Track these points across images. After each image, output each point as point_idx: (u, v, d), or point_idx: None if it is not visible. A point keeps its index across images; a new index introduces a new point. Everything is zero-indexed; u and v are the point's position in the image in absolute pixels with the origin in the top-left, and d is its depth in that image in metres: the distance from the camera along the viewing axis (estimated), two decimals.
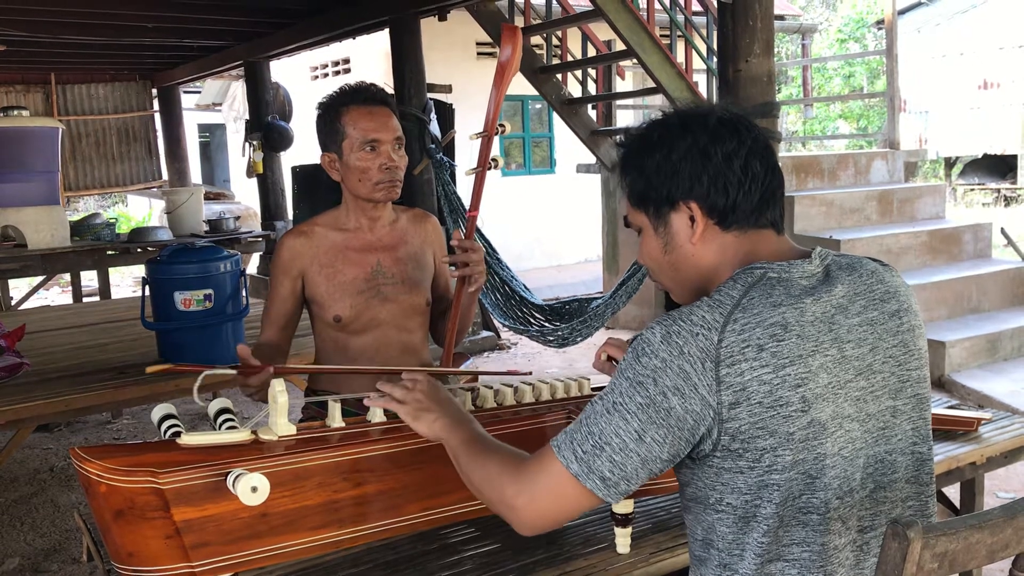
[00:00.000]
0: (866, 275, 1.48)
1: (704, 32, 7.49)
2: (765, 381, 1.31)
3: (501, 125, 2.42)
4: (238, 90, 15.73)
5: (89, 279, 9.30)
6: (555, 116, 10.80)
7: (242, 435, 1.70)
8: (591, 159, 8.51)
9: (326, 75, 13.47)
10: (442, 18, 7.30)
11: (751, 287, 1.39)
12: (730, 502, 1.38)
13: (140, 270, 8.87)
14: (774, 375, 1.32)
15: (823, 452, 1.34)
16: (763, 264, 1.44)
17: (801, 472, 1.33)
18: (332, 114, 2.45)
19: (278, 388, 1.73)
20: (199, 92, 17.28)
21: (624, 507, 1.86)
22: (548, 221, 12.46)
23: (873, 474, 1.41)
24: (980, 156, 16.67)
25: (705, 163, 1.46)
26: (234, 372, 2.10)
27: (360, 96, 2.46)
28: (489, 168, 2.46)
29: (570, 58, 8.47)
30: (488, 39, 8.25)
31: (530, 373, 2.28)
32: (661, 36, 6.74)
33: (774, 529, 1.36)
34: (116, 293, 9.12)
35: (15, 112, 7.56)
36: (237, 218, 8.73)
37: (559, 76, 8.24)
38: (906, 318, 1.47)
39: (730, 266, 1.48)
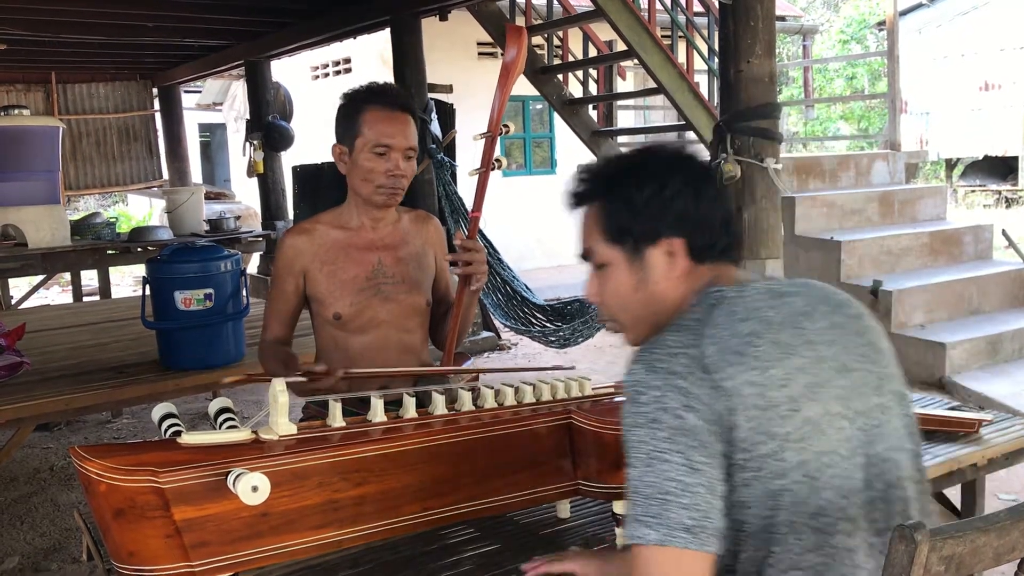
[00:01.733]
0: (816, 288, 1.52)
1: (705, 33, 7.49)
2: (754, 383, 1.33)
3: (505, 125, 2.42)
4: (239, 90, 15.74)
5: (89, 278, 9.29)
6: (556, 116, 10.80)
7: (242, 434, 1.70)
8: (592, 159, 8.49)
9: (327, 75, 13.47)
10: (443, 18, 7.30)
11: (713, 308, 1.42)
12: (742, 519, 1.36)
13: (140, 269, 8.87)
14: (760, 376, 1.34)
15: (820, 450, 1.35)
16: (719, 287, 1.47)
17: (803, 474, 1.34)
18: (352, 109, 2.46)
19: (278, 388, 1.73)
20: (200, 92, 17.30)
21: (625, 507, 1.86)
22: (549, 221, 12.44)
23: (880, 475, 1.41)
24: (981, 158, 16.67)
25: (698, 201, 1.49)
26: (304, 379, 2.18)
27: (384, 98, 2.46)
28: (493, 168, 2.46)
29: (571, 58, 8.46)
30: (489, 39, 8.25)
31: (573, 367, 2.29)
32: (662, 36, 6.73)
33: (785, 537, 1.35)
34: (116, 292, 9.12)
35: (16, 111, 7.56)
36: (237, 218, 8.73)
37: (560, 76, 8.24)
38: (866, 321, 1.52)
39: (694, 297, 1.49)
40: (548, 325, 6.16)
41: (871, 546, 1.39)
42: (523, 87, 8.33)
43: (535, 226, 12.40)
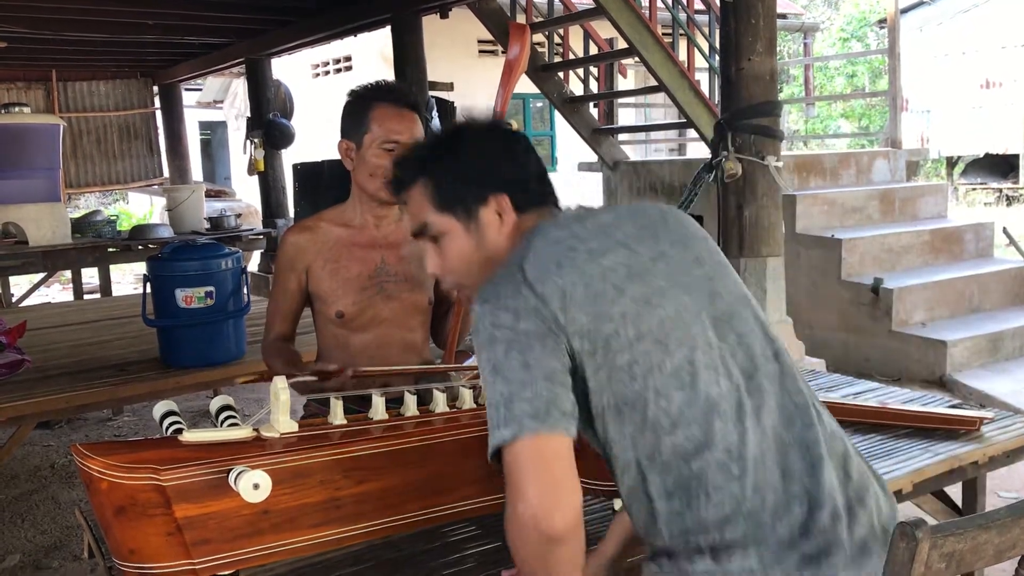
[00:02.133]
0: (624, 206, 1.66)
1: (706, 30, 7.49)
2: (576, 282, 1.43)
3: (508, 123, 2.42)
4: (239, 87, 15.74)
5: (90, 276, 9.29)
6: (556, 114, 10.80)
7: (244, 432, 1.70)
8: (593, 157, 8.50)
9: (327, 73, 13.47)
10: (444, 16, 7.29)
11: (531, 239, 1.52)
12: (609, 400, 1.44)
13: (141, 267, 8.88)
14: (579, 276, 1.44)
15: (661, 318, 1.45)
16: (539, 224, 1.58)
17: (652, 341, 1.43)
18: (361, 105, 2.47)
19: (280, 385, 1.73)
20: (200, 89, 17.29)
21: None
22: None
23: (729, 327, 1.51)
24: (982, 155, 16.66)
25: (513, 160, 1.65)
26: (314, 378, 2.22)
27: (393, 95, 2.48)
28: None
29: (572, 56, 8.46)
30: (490, 37, 8.24)
31: None
32: (663, 34, 6.73)
33: (656, 400, 1.42)
34: (117, 290, 9.12)
35: (16, 109, 7.56)
36: (238, 215, 8.71)
37: (561, 74, 8.23)
38: (672, 217, 1.62)
39: (519, 242, 1.59)
40: None
41: (737, 387, 1.46)
42: (524, 85, 8.30)
43: None
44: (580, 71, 8.47)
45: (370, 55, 11.85)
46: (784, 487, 1.42)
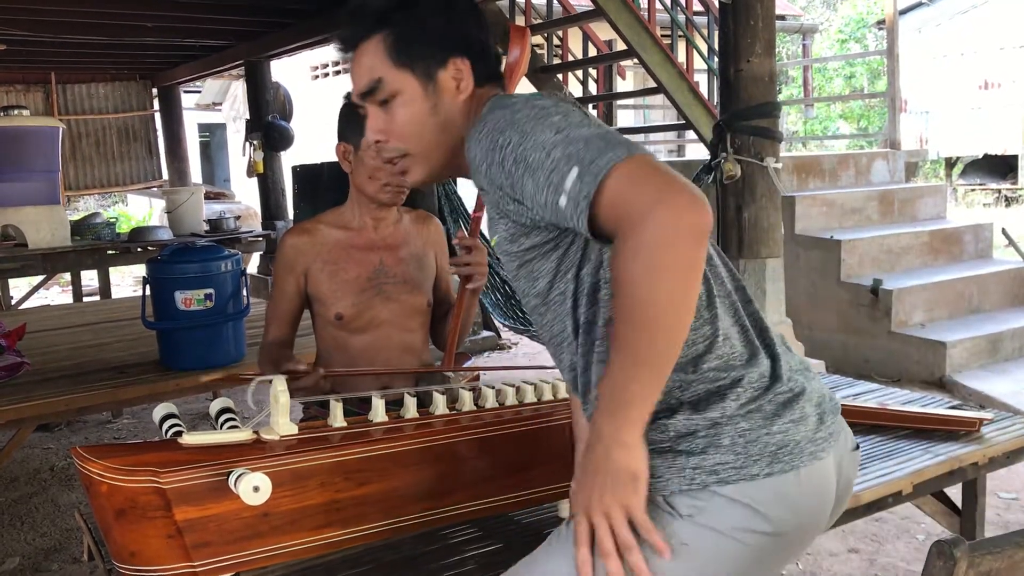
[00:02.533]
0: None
1: (705, 32, 7.49)
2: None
3: None
4: (238, 90, 15.75)
5: (89, 278, 9.28)
6: None
7: (244, 435, 1.69)
8: None
9: (326, 75, 13.47)
10: None
11: (505, 102, 1.45)
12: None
13: (140, 270, 8.86)
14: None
15: None
16: (497, 94, 1.54)
17: None
18: (358, 107, 2.46)
19: (279, 388, 1.73)
20: (199, 92, 17.29)
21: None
22: None
23: None
24: (981, 156, 16.65)
25: (479, 25, 1.58)
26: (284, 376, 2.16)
27: None
28: None
29: (571, 58, 8.46)
30: None
31: None
32: (662, 36, 6.73)
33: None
34: (116, 293, 9.12)
35: (15, 111, 7.55)
36: (237, 217, 8.72)
37: (560, 76, 8.23)
38: None
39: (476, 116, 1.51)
40: None
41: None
42: (523, 87, 8.30)
43: None
44: (579, 73, 8.48)
45: None
46: (745, 340, 1.48)
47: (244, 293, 3.58)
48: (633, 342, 1.27)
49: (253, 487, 1.54)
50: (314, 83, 13.64)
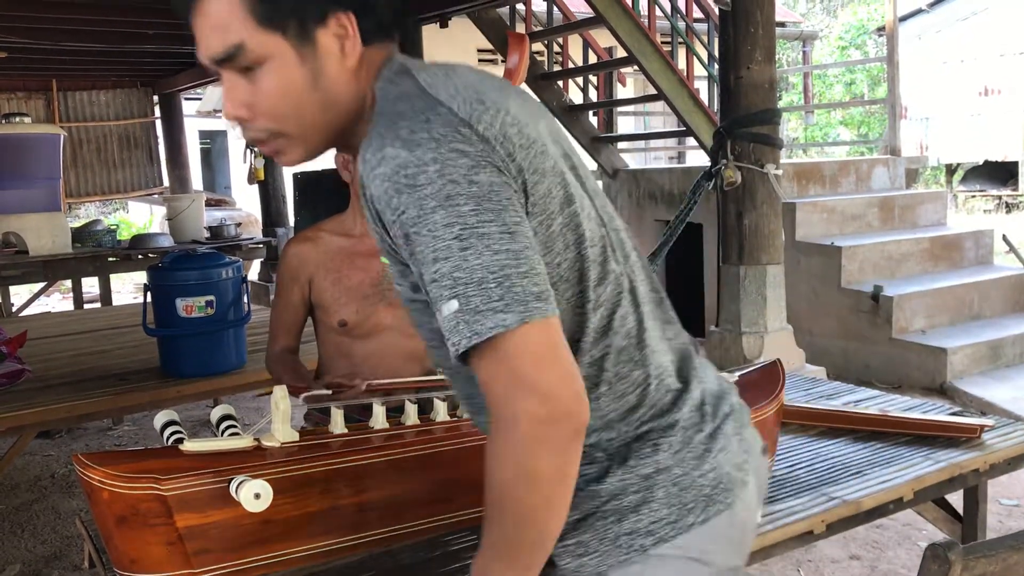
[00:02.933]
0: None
1: (705, 39, 7.50)
2: (508, 123, 1.19)
3: None
4: None
5: (90, 285, 9.29)
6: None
7: (244, 442, 1.70)
8: (592, 166, 8.50)
9: None
10: (443, 25, 7.30)
11: (409, 74, 1.24)
12: (559, 263, 1.23)
13: (141, 276, 8.87)
14: (507, 115, 1.20)
15: (575, 182, 1.28)
16: (392, 59, 1.28)
17: (576, 208, 1.25)
18: None
19: (279, 395, 1.73)
20: (200, 99, 17.29)
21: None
22: None
23: (604, 205, 1.36)
24: (981, 163, 16.67)
25: None
26: (328, 391, 2.21)
27: None
28: None
29: (571, 65, 8.47)
30: (489, 46, 8.25)
31: None
32: (662, 43, 6.75)
33: (590, 269, 1.26)
34: (117, 300, 9.12)
35: (17, 119, 7.57)
36: (238, 224, 8.71)
37: (560, 83, 8.25)
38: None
39: (367, 85, 1.27)
40: None
41: (629, 272, 1.33)
42: None
43: None
44: (579, 80, 8.48)
45: None
46: (677, 368, 1.36)
47: (245, 300, 3.59)
48: (500, 535, 1.17)
49: (254, 494, 1.54)
50: None
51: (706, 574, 1.31)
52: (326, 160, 2.56)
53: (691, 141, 8.12)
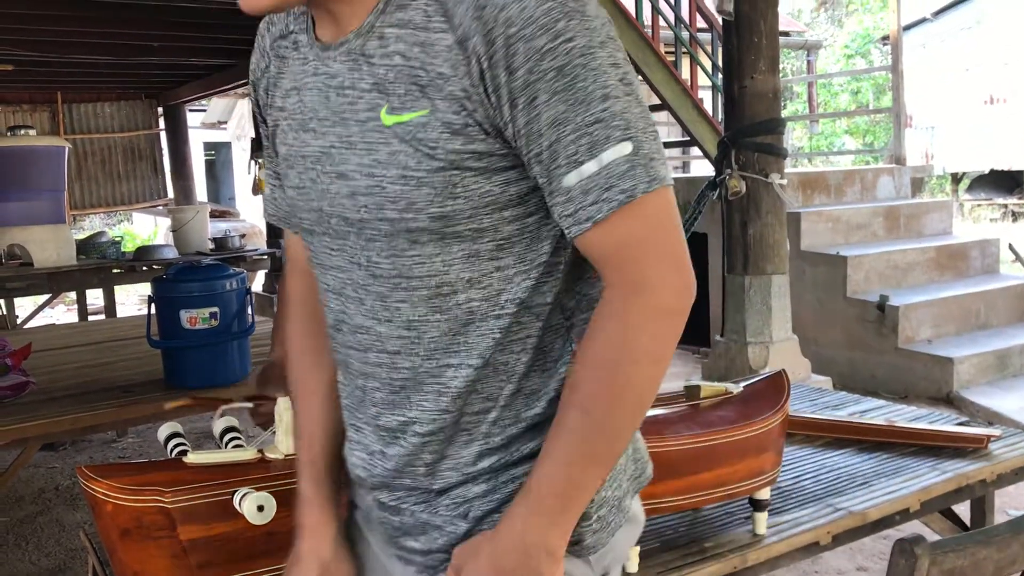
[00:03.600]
0: None
1: (709, 49, 7.50)
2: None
3: None
4: (244, 108, 15.80)
5: (95, 297, 9.30)
6: None
7: (248, 454, 1.69)
8: None
9: None
10: None
11: None
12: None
13: (146, 288, 8.86)
14: None
15: None
16: None
17: None
18: None
19: (283, 406, 1.72)
20: (204, 110, 17.35)
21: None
22: None
23: None
24: (987, 171, 16.65)
25: None
26: (251, 405, 2.15)
27: None
28: None
29: None
30: None
31: None
32: (666, 53, 6.75)
33: None
34: (122, 311, 9.13)
35: (22, 131, 7.59)
36: (242, 236, 8.72)
37: None
38: None
39: None
40: None
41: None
42: None
43: None
44: None
45: None
46: None
47: (249, 312, 3.58)
48: (595, 435, 1.06)
49: (258, 506, 1.53)
50: None
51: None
52: None
53: (695, 151, 8.12)
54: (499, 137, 1.04)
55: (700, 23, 7.61)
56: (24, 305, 9.84)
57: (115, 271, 7.18)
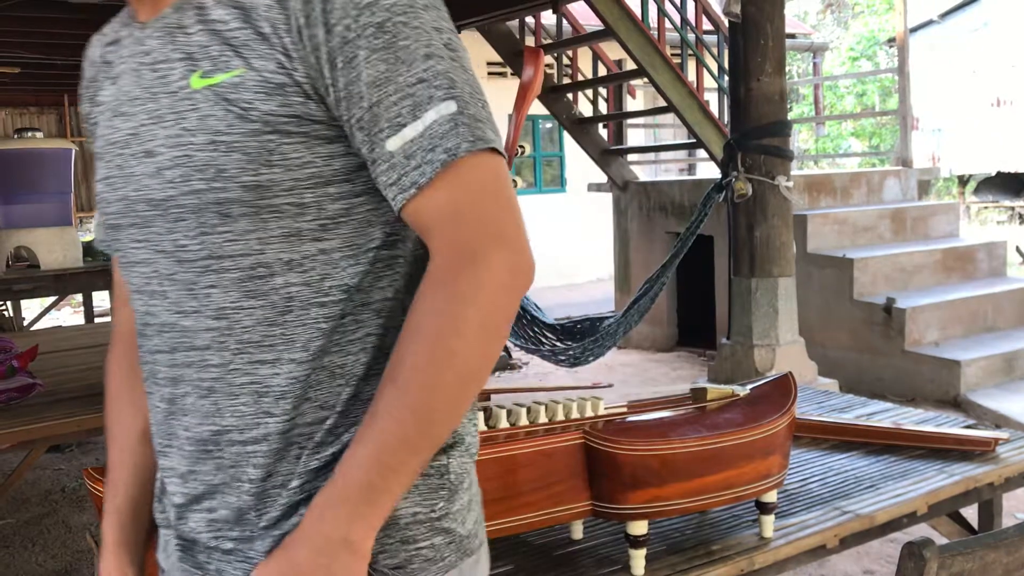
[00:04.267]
0: None
1: (715, 51, 7.50)
2: None
3: (521, 146, 2.42)
4: None
5: (101, 299, 9.32)
6: (566, 135, 10.83)
7: None
8: (602, 178, 8.51)
9: None
10: None
11: None
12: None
13: None
14: None
15: None
16: None
17: None
18: None
19: None
20: None
21: (638, 528, 1.84)
22: (559, 240, 12.46)
23: None
24: (994, 174, 16.63)
25: None
26: None
27: None
28: None
29: (581, 77, 8.48)
30: (499, 59, 8.27)
31: (611, 385, 2.27)
32: (672, 55, 6.75)
33: None
34: None
35: (29, 134, 7.59)
36: None
37: (570, 95, 8.26)
38: None
39: None
40: (558, 344, 6.14)
41: None
42: (533, 106, 8.30)
43: (545, 245, 12.39)
44: (589, 92, 8.49)
45: None
46: None
47: None
48: (409, 415, 0.97)
49: None
50: None
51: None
52: None
53: (701, 153, 8.12)
54: (322, 103, 0.99)
55: (706, 25, 7.60)
56: (31, 307, 9.86)
57: None
